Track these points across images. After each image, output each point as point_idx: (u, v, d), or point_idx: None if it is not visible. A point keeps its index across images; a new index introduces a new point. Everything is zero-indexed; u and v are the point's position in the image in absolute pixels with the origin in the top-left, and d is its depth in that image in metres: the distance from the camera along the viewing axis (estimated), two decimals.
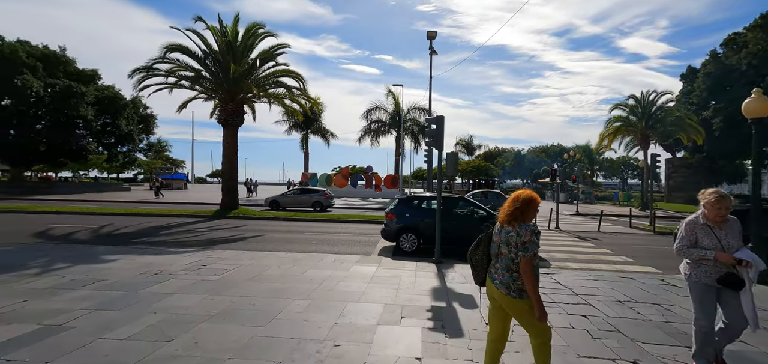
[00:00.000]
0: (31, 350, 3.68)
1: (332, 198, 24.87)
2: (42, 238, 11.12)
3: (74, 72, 40.51)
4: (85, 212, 18.09)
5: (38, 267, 7.08)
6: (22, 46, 36.84)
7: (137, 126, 46.95)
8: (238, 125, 18.76)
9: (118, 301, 5.23)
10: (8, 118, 36.31)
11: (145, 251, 8.98)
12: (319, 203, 22.82)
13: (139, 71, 16.57)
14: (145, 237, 11.73)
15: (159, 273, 6.79)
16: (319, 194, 23.51)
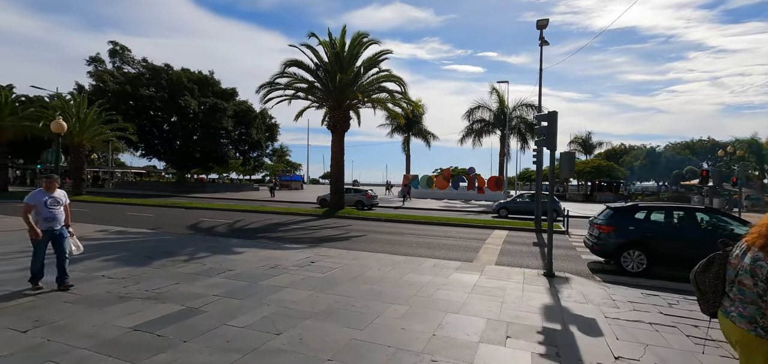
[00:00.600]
0: (175, 328, 4.35)
1: (375, 197, 25.92)
2: (193, 230, 13.46)
3: (219, 91, 48.66)
4: (225, 208, 21.43)
5: (187, 255, 8.51)
6: (184, 73, 45.71)
7: (264, 134, 54.06)
8: (344, 130, 19.97)
9: (242, 291, 5.90)
10: (175, 132, 45.43)
11: (265, 245, 10.11)
12: (361, 202, 24.16)
13: (264, 87, 18.95)
14: (266, 232, 13.27)
15: (275, 267, 7.50)
16: (361, 194, 25.06)
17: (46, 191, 5.56)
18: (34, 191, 5.58)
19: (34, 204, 5.43)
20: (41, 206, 5.45)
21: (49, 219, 5.51)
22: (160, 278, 6.46)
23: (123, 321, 4.49)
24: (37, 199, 5.46)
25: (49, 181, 5.61)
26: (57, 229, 5.60)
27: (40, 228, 5.39)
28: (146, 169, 74.65)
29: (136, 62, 45.04)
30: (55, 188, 5.63)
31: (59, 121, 12.92)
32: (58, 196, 5.67)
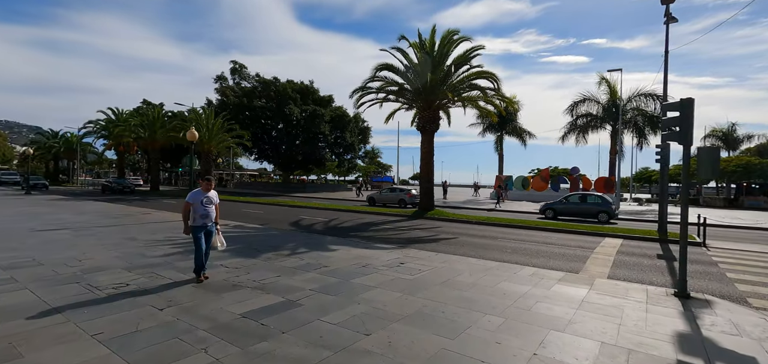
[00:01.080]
0: (276, 318, 4.67)
1: (417, 197, 25.38)
2: (294, 227, 14.67)
3: (318, 98, 52.64)
4: (321, 207, 22.98)
5: (289, 250, 9.24)
6: (289, 84, 50.53)
7: (357, 137, 56.76)
8: (434, 131, 19.74)
9: (335, 287, 6.13)
10: (281, 138, 50.46)
11: (357, 243, 10.46)
12: (403, 200, 24.85)
13: (356, 91, 19.80)
14: (358, 231, 13.77)
15: (366, 266, 7.66)
16: (403, 193, 25.88)
17: (203, 191, 6.17)
18: (193, 191, 6.21)
19: (193, 202, 6.05)
20: (198, 205, 6.06)
21: (204, 216, 6.13)
22: (265, 270, 7.09)
23: (234, 308, 4.99)
24: (196, 198, 6.08)
25: (206, 182, 6.25)
26: (209, 225, 6.22)
27: (196, 223, 6.06)
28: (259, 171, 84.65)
29: (251, 77, 51.30)
30: (210, 188, 6.26)
31: (192, 131, 15.33)
32: (212, 196, 6.29)
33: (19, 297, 5.20)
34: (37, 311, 4.68)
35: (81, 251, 8.35)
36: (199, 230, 6.08)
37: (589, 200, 19.15)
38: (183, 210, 6.08)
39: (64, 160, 67.52)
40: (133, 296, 5.36)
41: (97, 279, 6.17)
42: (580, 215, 18.71)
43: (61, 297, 5.24)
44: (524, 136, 41.02)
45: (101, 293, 5.50)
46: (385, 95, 20.55)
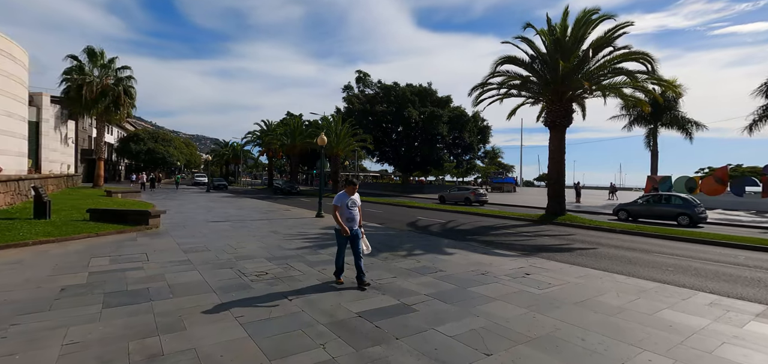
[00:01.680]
0: (390, 322, 4.58)
1: (484, 195, 26.25)
2: (411, 227, 14.77)
3: (436, 100, 52.71)
4: (438, 208, 22.73)
5: (405, 251, 9.24)
6: (408, 88, 51.92)
7: (476, 137, 54.77)
8: (565, 126, 17.47)
9: (451, 295, 5.77)
10: (401, 140, 52.23)
11: (475, 248, 9.84)
12: (468, 199, 25.15)
13: (475, 88, 18.90)
14: (477, 235, 13.04)
15: (485, 274, 7.08)
16: (468, 191, 27.37)
17: (348, 194, 6.02)
18: (339, 194, 6.07)
19: (340, 205, 5.92)
20: (344, 208, 5.92)
21: (350, 219, 5.95)
22: (382, 270, 7.17)
23: (352, 306, 5.10)
24: (342, 200, 5.95)
25: (351, 186, 6.09)
26: (355, 229, 5.98)
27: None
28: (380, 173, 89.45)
29: (374, 84, 54.47)
30: (354, 192, 6.09)
31: (322, 137, 16.92)
32: (356, 199, 6.11)
33: (190, 277, 6.36)
34: (200, 290, 5.61)
35: (236, 241, 9.90)
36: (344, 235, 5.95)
37: (672, 201, 17.80)
38: (333, 213, 5.96)
39: (232, 165, 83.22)
40: (270, 285, 6.00)
41: (245, 266, 7.15)
42: (656, 217, 17.68)
43: (218, 280, 6.20)
44: (689, 127, 33.17)
45: (247, 279, 6.32)
46: (507, 90, 19.10)
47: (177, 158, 68.78)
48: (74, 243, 9.00)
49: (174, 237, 10.22)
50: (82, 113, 29.93)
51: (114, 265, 6.99)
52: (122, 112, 31.47)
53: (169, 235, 10.55)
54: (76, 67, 29.31)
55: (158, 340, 3.85)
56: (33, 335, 3.90)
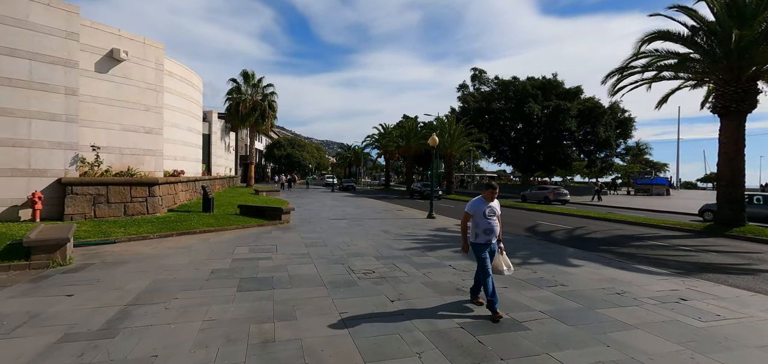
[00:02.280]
0: (495, 338, 4.14)
1: (565, 194, 25.70)
2: (529, 232, 13.45)
3: (562, 92, 47.44)
4: (564, 212, 20.23)
5: (520, 259, 8.40)
6: (529, 81, 48.01)
7: (614, 132, 47.25)
8: (744, 112, 13.54)
9: (573, 315, 4.94)
10: (520, 138, 48.65)
11: (609, 261, 8.34)
12: (547, 198, 25.86)
13: (612, 74, 16.18)
14: (612, 245, 11.08)
15: (621, 294, 5.89)
16: (547, 191, 27.66)
17: (486, 200, 4.96)
18: (473, 200, 5.05)
19: (474, 213, 4.95)
20: (480, 217, 4.88)
21: (488, 231, 4.88)
22: None
23: (453, 314, 4.81)
24: (477, 208, 4.94)
25: (491, 190, 4.98)
26: (493, 243, 4.96)
27: (478, 240, 4.91)
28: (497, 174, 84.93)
29: (490, 81, 52.03)
30: (493, 197, 5.00)
31: (434, 137, 16.81)
32: (495, 206, 4.99)
33: (307, 269, 6.95)
34: (313, 283, 6.06)
35: (350, 238, 10.53)
36: (482, 248, 4.87)
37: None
38: (462, 223, 5.07)
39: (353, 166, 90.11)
40: (374, 284, 6.13)
41: (354, 263, 7.49)
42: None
43: (330, 274, 6.62)
44: None
45: (355, 275, 6.59)
46: (656, 73, 15.80)
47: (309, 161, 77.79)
48: (227, 233, 10.85)
49: (299, 231, 11.44)
50: (239, 125, 36.30)
51: (251, 254, 8.14)
52: (267, 123, 37.08)
53: (296, 229, 11.86)
54: (235, 88, 35.72)
55: (273, 326, 4.26)
56: (185, 309, 4.75)
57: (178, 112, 18.25)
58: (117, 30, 12.53)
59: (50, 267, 6.48)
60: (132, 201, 11.73)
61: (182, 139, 18.75)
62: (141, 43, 13.14)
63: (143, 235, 9.45)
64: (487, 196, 5.01)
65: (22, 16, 9.94)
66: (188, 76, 19.56)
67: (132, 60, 12.76)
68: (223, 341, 3.85)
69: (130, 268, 6.66)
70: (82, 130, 11.39)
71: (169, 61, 17.62)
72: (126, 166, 12.67)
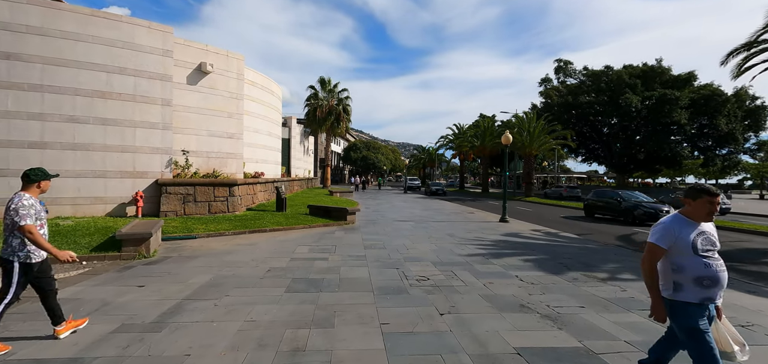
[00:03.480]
0: None
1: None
2: (623, 242, 11.58)
3: (669, 79, 40.96)
4: None
5: (607, 273, 7.14)
6: (625, 70, 42.42)
7: (741, 123, 39.32)
8: None
9: None
10: (614, 134, 43.25)
11: (741, 285, 6.63)
12: None
13: (736, 52, 13.25)
14: (735, 261, 8.88)
15: (746, 327, 4.55)
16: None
17: (694, 220, 2.75)
18: (666, 220, 2.80)
19: (670, 246, 2.71)
20: (687, 253, 2.66)
21: (709, 282, 2.65)
22: (566, 294, 5.68)
23: (511, 337, 4.11)
24: (676, 236, 2.70)
25: (707, 201, 2.71)
26: (712, 305, 2.74)
27: (687, 297, 2.66)
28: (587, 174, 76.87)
29: (577, 73, 47.17)
30: (712, 214, 2.74)
31: (507, 135, 15.56)
32: (710, 231, 2.75)
33: (360, 273, 6.72)
34: (362, 288, 5.79)
35: (411, 241, 10.11)
36: (696, 314, 2.65)
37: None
38: (646, 262, 2.81)
39: (428, 168, 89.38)
40: (427, 292, 5.64)
41: (410, 269, 7.07)
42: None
43: (382, 279, 6.30)
44: None
45: (407, 282, 6.18)
46: None
47: (383, 163, 79.17)
48: (294, 232, 11.24)
49: (361, 232, 11.37)
50: (317, 129, 38.26)
51: (310, 253, 8.22)
52: (342, 126, 38.47)
53: (359, 230, 11.84)
54: (313, 94, 37.73)
55: (308, 333, 4.06)
56: (232, 307, 4.82)
57: (259, 118, 19.71)
58: (204, 45, 13.89)
59: (136, 258, 7.25)
60: (215, 200, 12.84)
61: (262, 144, 20.20)
62: (224, 55, 14.40)
63: (220, 231, 10.21)
64: (697, 211, 2.75)
65: (128, 38, 11.51)
66: (268, 85, 21.03)
67: (217, 72, 14.03)
68: (254, 345, 3.75)
69: (200, 262, 7.13)
70: (176, 136, 12.80)
71: (251, 71, 19.12)
72: (211, 168, 13.96)
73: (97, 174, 11.19)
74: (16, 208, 3.47)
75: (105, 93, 11.20)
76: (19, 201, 3.50)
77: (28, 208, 3.50)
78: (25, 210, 3.47)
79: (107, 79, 11.22)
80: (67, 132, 10.75)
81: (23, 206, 3.48)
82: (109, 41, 11.23)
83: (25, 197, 3.56)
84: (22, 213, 3.45)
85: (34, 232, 3.47)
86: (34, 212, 3.54)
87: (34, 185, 3.69)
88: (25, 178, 3.66)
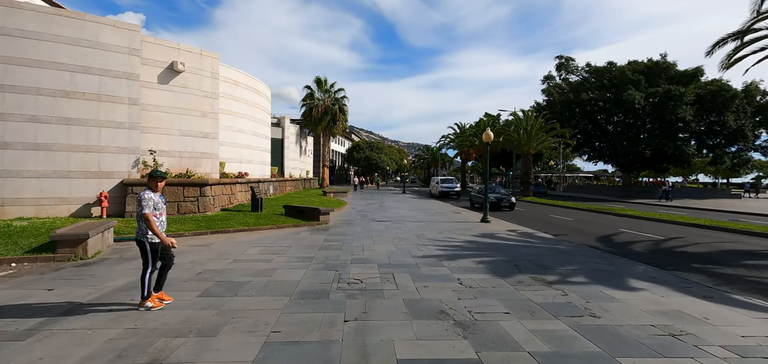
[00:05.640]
0: None
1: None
2: (599, 242, 11.06)
3: (674, 75, 39.79)
4: (663, 219, 16.47)
5: (558, 275, 6.72)
6: (629, 66, 41.33)
7: (751, 120, 37.96)
8: None
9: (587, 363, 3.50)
10: (620, 132, 42.18)
11: (690, 286, 6.15)
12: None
13: (722, 42, 12.59)
14: (711, 263, 8.36)
15: (678, 336, 4.12)
16: None
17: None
18: None
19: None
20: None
21: None
22: (499, 299, 5.30)
23: (404, 347, 3.76)
24: None
25: None
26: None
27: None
28: (595, 174, 75.39)
29: (579, 70, 46.14)
30: None
31: (488, 132, 15.07)
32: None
33: (292, 276, 6.41)
34: (282, 293, 5.49)
35: (373, 242, 9.78)
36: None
37: None
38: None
39: (432, 168, 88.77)
40: (348, 297, 5.31)
41: (350, 271, 6.73)
42: None
43: (311, 282, 5.99)
44: None
45: (337, 285, 5.86)
46: None
47: (387, 164, 78.79)
48: (258, 233, 11.00)
49: (328, 233, 11.08)
50: (313, 129, 38.12)
51: (260, 255, 7.95)
52: (338, 125, 38.26)
53: (326, 231, 11.55)
54: (309, 94, 37.60)
55: (182, 342, 3.78)
56: (125, 314, 4.56)
57: (243, 118, 19.58)
58: (176, 44, 13.77)
59: (71, 260, 7.07)
60: (184, 200, 12.69)
61: (247, 143, 20.07)
62: (198, 54, 14.26)
63: (180, 233, 10.01)
64: None
65: (93, 37, 11.42)
66: (254, 84, 20.90)
67: (189, 70, 13.90)
68: (113, 356, 3.47)
69: (134, 265, 6.90)
70: (146, 136, 12.69)
71: (234, 70, 19.01)
72: (184, 168, 13.83)
73: (60, 174, 11.12)
74: None
75: (69, 92, 11.13)
76: None
77: None
78: None
79: (71, 79, 11.14)
80: (29, 132, 10.69)
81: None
82: (73, 40, 11.16)
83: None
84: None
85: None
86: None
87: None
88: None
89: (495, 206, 20.29)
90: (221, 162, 16.54)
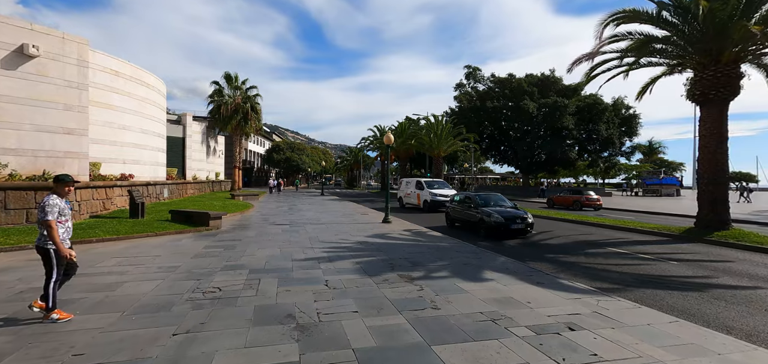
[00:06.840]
0: None
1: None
2: (490, 241, 12.05)
3: (561, 88, 45.41)
4: (550, 216, 18.66)
5: (426, 271, 7.12)
6: (526, 79, 46.17)
7: (618, 129, 44.98)
8: (726, 99, 11.90)
9: (394, 357, 3.68)
10: (520, 138, 46.81)
11: (530, 275, 6.97)
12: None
13: (579, 61, 14.64)
14: (562, 253, 9.65)
15: (497, 321, 4.59)
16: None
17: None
18: None
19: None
20: None
21: None
22: (356, 298, 5.41)
23: (225, 357, 3.60)
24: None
25: None
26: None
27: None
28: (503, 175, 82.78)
29: (485, 79, 50.32)
30: None
31: (388, 135, 15.58)
32: None
33: (145, 288, 5.82)
34: (118, 309, 4.93)
35: (258, 247, 9.38)
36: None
37: None
38: None
39: (355, 170, 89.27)
40: (195, 308, 4.97)
41: (213, 280, 6.34)
42: None
43: (160, 293, 5.51)
44: None
45: (190, 295, 5.46)
46: (634, 60, 14.23)
47: (309, 165, 77.17)
48: (127, 242, 9.85)
49: (214, 239, 10.37)
50: (223, 128, 35.68)
51: (112, 268, 7.08)
52: (250, 125, 36.37)
53: (214, 237, 10.80)
54: (217, 91, 35.14)
55: None
56: None
57: (127, 113, 17.49)
58: (28, 24, 11.76)
59: None
60: (36, 207, 10.84)
61: (132, 142, 17.98)
62: (59, 38, 12.34)
63: (20, 245, 8.52)
64: None
65: None
66: (141, 76, 18.81)
67: (47, 56, 11.96)
68: None
69: None
70: None
71: (115, 60, 16.90)
72: (41, 169, 11.85)
73: None
74: None
75: None
76: None
77: None
78: None
79: None
80: None
81: None
82: None
83: None
84: None
85: None
86: None
87: None
88: None
89: (503, 233, 11.81)
90: (95, 163, 14.58)
